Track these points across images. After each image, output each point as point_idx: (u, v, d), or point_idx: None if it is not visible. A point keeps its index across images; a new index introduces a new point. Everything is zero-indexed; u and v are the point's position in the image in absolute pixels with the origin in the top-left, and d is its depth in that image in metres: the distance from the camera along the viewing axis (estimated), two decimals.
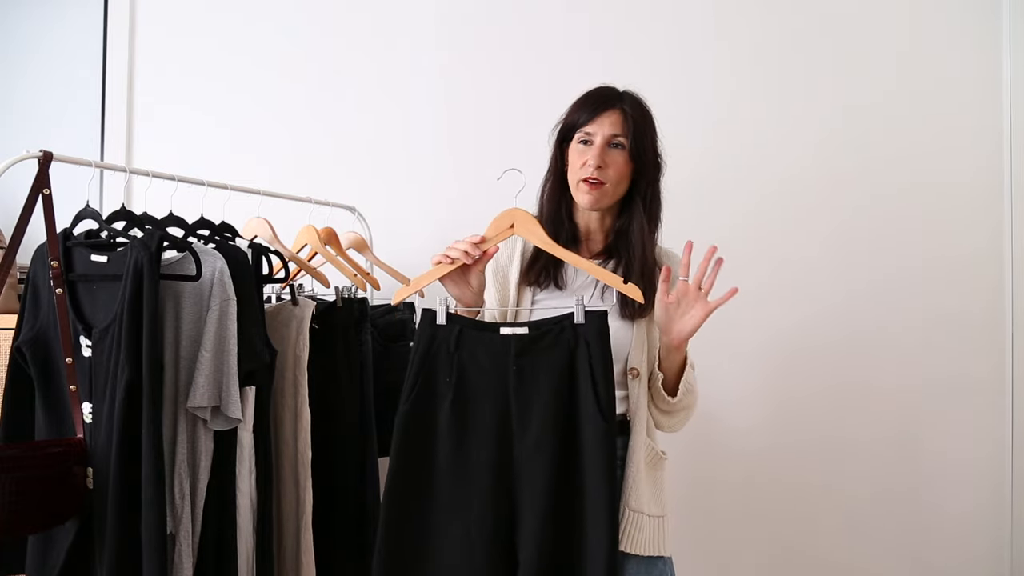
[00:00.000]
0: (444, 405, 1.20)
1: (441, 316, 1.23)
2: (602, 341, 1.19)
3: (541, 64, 2.17)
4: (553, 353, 1.20)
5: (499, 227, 1.26)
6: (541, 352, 1.20)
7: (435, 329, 1.23)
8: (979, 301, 2.24)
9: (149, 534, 1.14)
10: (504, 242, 1.47)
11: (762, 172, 2.21)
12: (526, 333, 1.21)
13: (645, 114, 1.37)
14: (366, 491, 1.60)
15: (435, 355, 1.22)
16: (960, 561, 2.22)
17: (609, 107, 1.34)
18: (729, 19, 2.24)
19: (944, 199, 2.23)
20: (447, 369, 1.21)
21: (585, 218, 1.43)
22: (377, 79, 2.24)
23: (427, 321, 1.23)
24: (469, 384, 1.21)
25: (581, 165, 1.34)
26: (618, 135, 1.33)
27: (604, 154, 1.32)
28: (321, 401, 1.52)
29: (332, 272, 1.76)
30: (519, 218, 1.27)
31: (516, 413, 1.19)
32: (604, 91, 1.38)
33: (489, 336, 1.22)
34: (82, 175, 1.29)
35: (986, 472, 2.23)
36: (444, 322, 1.22)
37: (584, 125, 1.35)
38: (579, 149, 1.36)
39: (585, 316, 1.20)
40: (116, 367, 1.18)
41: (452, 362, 1.21)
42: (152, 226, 1.33)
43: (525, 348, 1.20)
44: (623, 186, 1.36)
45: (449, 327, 1.22)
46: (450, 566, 1.18)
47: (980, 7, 2.27)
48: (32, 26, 2.28)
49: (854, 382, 2.21)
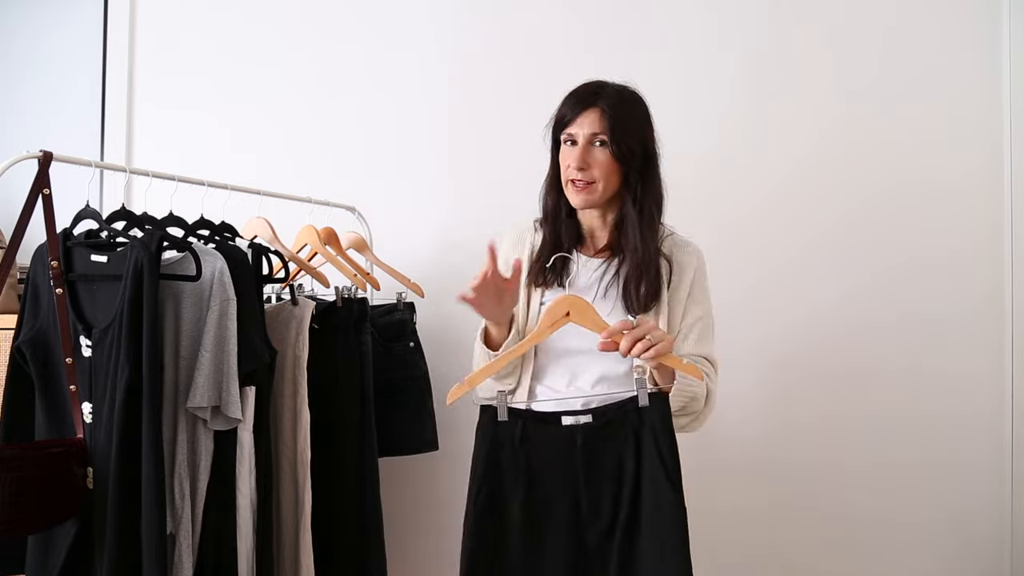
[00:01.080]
0: (514, 503, 1.20)
1: (503, 413, 1.22)
2: (666, 422, 1.19)
3: (542, 64, 2.17)
4: (618, 439, 1.20)
5: (554, 316, 1.23)
6: (607, 439, 1.20)
7: (497, 427, 1.22)
8: (979, 300, 2.23)
9: (149, 534, 1.14)
10: (512, 243, 1.47)
11: (759, 172, 2.21)
12: (590, 422, 1.21)
13: (627, 107, 1.35)
14: (366, 491, 1.60)
15: (499, 453, 1.22)
16: (960, 561, 2.22)
17: (588, 106, 1.34)
18: (727, 20, 2.24)
19: (944, 198, 2.23)
20: (514, 466, 1.21)
21: (587, 217, 1.43)
22: (377, 79, 2.24)
23: (489, 419, 1.22)
24: (538, 479, 1.21)
25: (567, 167, 1.35)
26: (598, 133, 1.32)
27: (587, 154, 1.32)
28: (321, 401, 1.52)
29: (332, 272, 1.76)
30: (576, 305, 1.23)
31: (586, 503, 1.19)
32: (585, 89, 1.38)
33: (553, 429, 1.22)
34: (82, 175, 1.29)
35: (986, 471, 2.23)
36: (506, 418, 1.22)
37: (568, 125, 1.35)
38: (565, 150, 1.36)
39: (649, 399, 1.20)
40: (116, 367, 1.18)
41: (518, 458, 1.21)
42: (152, 226, 1.33)
43: (590, 437, 1.20)
44: (613, 182, 1.35)
45: (512, 423, 1.22)
46: None
47: (980, 7, 2.27)
48: (32, 26, 2.28)
49: (853, 381, 2.20)
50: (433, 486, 2.11)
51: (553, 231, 1.41)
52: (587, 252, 1.42)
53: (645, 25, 2.22)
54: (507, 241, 1.48)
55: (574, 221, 1.43)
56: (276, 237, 1.65)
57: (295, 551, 1.46)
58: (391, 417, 1.79)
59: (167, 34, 2.24)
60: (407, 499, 2.11)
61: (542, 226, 1.45)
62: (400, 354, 1.86)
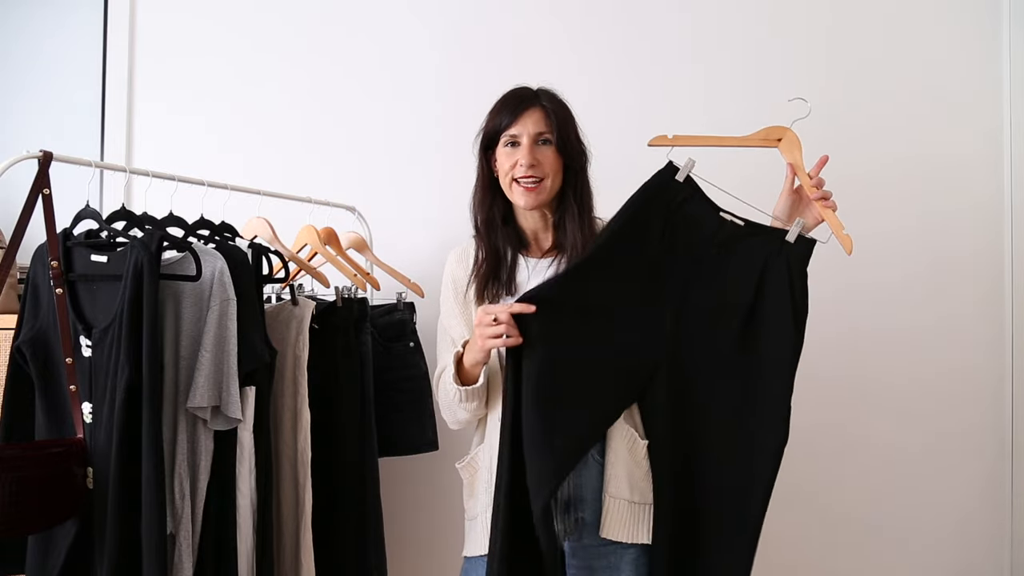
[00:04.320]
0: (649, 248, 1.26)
1: (683, 174, 1.27)
2: (803, 264, 1.23)
3: (542, 65, 2.17)
4: (757, 253, 1.25)
5: (770, 136, 1.30)
6: (748, 247, 1.25)
7: (672, 183, 1.27)
8: (979, 299, 2.24)
9: (149, 534, 1.14)
10: (456, 260, 1.47)
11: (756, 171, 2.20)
12: (742, 225, 1.27)
13: (564, 107, 1.40)
14: (366, 491, 1.60)
15: (659, 202, 1.27)
16: (960, 561, 2.22)
17: (529, 106, 1.36)
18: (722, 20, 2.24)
19: (944, 197, 2.23)
20: (663, 219, 1.26)
21: (530, 221, 1.42)
22: (377, 79, 2.24)
23: (668, 173, 1.28)
24: (679, 241, 1.26)
25: (512, 166, 1.35)
26: (543, 132, 1.35)
27: (534, 152, 1.34)
28: (321, 401, 1.52)
29: (332, 272, 1.76)
30: (790, 138, 1.31)
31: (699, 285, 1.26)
32: (520, 92, 1.40)
33: (710, 213, 1.28)
34: (82, 175, 1.29)
35: (986, 472, 2.23)
36: (682, 180, 1.27)
37: (508, 128, 1.36)
38: (506, 152, 1.37)
39: (797, 239, 1.23)
40: (116, 367, 1.18)
41: (672, 216, 1.26)
42: (152, 226, 1.33)
43: (734, 236, 1.26)
44: (558, 180, 1.37)
45: (684, 187, 1.27)
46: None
47: (980, 7, 2.27)
48: (33, 27, 2.28)
49: (851, 381, 2.20)
50: (433, 486, 2.11)
51: (490, 241, 1.41)
52: (534, 255, 1.42)
53: (629, 27, 2.22)
54: (452, 259, 1.48)
55: (512, 228, 1.42)
56: (276, 237, 1.65)
57: (295, 551, 1.46)
58: (391, 417, 1.79)
59: (167, 35, 2.24)
60: (407, 499, 2.11)
61: (478, 239, 1.44)
62: (400, 354, 1.86)
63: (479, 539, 1.35)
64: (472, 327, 1.36)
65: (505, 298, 1.37)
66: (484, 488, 1.36)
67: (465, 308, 1.41)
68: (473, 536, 1.38)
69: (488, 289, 1.38)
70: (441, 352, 1.45)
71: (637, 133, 1.43)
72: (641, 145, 1.43)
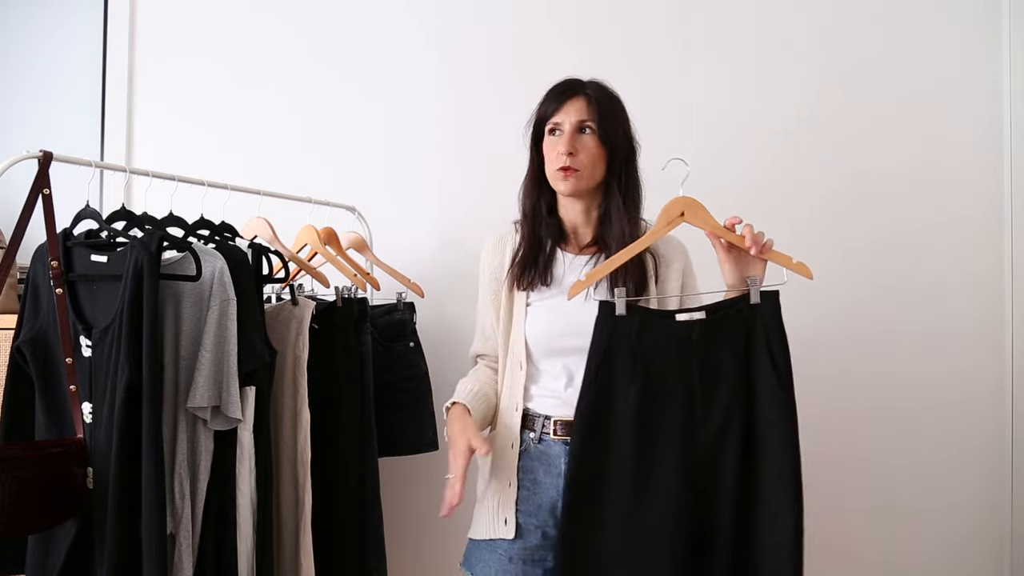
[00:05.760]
0: (627, 399, 1.20)
1: (621, 307, 1.22)
2: (778, 319, 1.20)
3: (542, 65, 2.17)
4: (732, 334, 1.20)
5: (670, 215, 1.25)
6: (721, 334, 1.21)
7: (615, 321, 1.22)
8: (979, 299, 2.24)
9: (149, 534, 1.14)
10: (492, 247, 1.47)
11: (754, 169, 2.21)
12: (704, 318, 1.21)
13: (611, 97, 1.38)
14: (366, 491, 1.60)
15: (617, 348, 1.21)
16: (960, 561, 2.22)
17: (573, 95, 1.36)
18: (718, 18, 2.24)
19: (943, 197, 2.23)
20: (630, 361, 1.21)
21: (571, 214, 1.42)
22: (377, 79, 2.24)
23: (606, 314, 1.22)
24: (653, 374, 1.21)
25: (554, 155, 1.35)
26: (585, 120, 1.34)
27: (574, 140, 1.34)
28: (321, 401, 1.52)
29: (332, 272, 1.76)
30: (689, 205, 1.25)
31: (700, 396, 1.20)
32: (567, 82, 1.40)
33: (669, 324, 1.22)
34: (82, 175, 1.29)
35: (986, 471, 2.23)
36: (624, 313, 1.22)
37: (552, 116, 1.36)
38: (551, 140, 1.37)
39: (761, 296, 1.21)
40: (116, 367, 1.18)
41: (635, 353, 1.21)
42: (152, 226, 1.33)
43: (705, 332, 1.20)
44: (599, 170, 1.36)
45: (630, 318, 1.22)
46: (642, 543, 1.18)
47: (980, 6, 2.27)
48: (33, 27, 2.28)
49: (851, 381, 2.20)
50: (433, 486, 2.11)
51: (533, 230, 1.41)
52: (571, 250, 1.42)
53: (628, 27, 2.23)
54: (487, 247, 1.48)
55: (555, 219, 1.42)
56: (276, 237, 1.65)
57: (295, 551, 1.46)
58: (391, 417, 1.79)
59: (167, 35, 2.24)
60: (407, 499, 2.11)
61: (522, 227, 1.45)
62: (400, 354, 1.86)
63: (482, 522, 1.36)
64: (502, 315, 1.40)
65: (540, 288, 1.38)
66: (493, 472, 1.37)
67: (496, 296, 1.43)
68: (480, 517, 1.39)
69: (525, 276, 1.39)
70: (476, 335, 1.50)
71: (637, 133, 1.43)
72: (641, 145, 1.43)
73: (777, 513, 1.17)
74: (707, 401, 1.19)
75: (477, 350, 1.50)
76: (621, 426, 1.20)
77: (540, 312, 1.38)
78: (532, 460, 1.34)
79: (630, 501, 1.19)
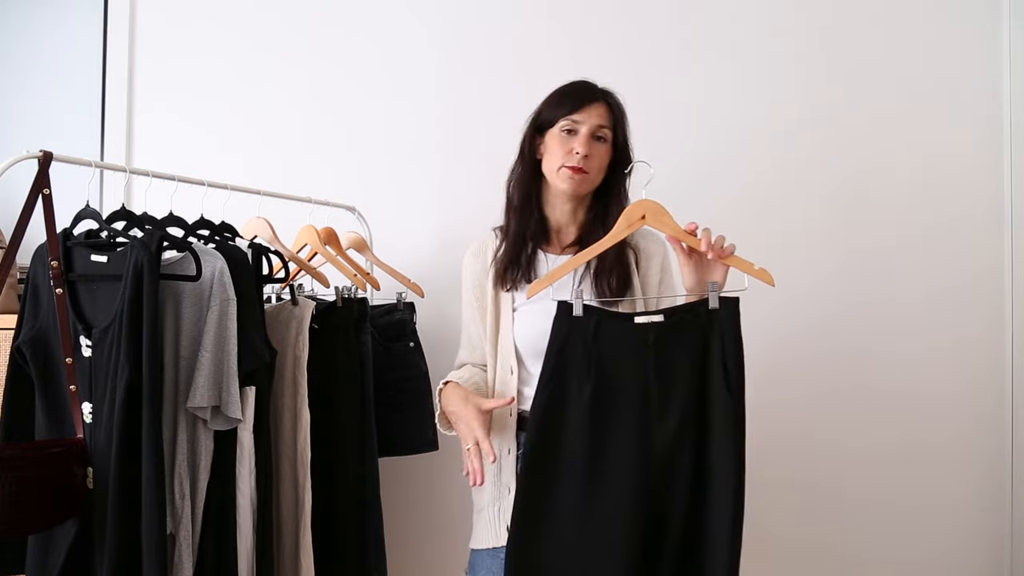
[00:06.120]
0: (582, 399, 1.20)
1: (578, 308, 1.22)
2: (735, 326, 1.20)
3: (543, 65, 2.17)
4: (688, 339, 1.21)
5: (631, 218, 1.26)
6: (677, 338, 1.21)
7: (572, 321, 1.22)
8: (979, 299, 2.24)
9: (149, 534, 1.14)
10: (473, 254, 1.47)
11: (753, 168, 2.21)
12: (661, 321, 1.22)
13: (623, 110, 1.41)
14: (366, 491, 1.60)
15: (572, 348, 1.22)
16: (960, 560, 2.22)
17: (595, 99, 1.38)
18: (718, 19, 2.24)
19: (943, 198, 2.23)
20: (585, 361, 1.21)
21: (557, 213, 1.43)
22: (377, 79, 2.24)
23: (563, 314, 1.23)
24: (608, 375, 1.21)
25: (566, 152, 1.35)
26: (604, 126, 1.36)
27: (590, 144, 1.35)
28: (321, 401, 1.52)
29: (332, 272, 1.76)
30: (650, 209, 1.26)
31: (656, 397, 1.20)
32: (587, 85, 1.41)
33: (626, 326, 1.22)
34: (82, 175, 1.29)
35: (986, 472, 2.23)
36: (581, 314, 1.22)
37: (570, 114, 1.36)
38: (562, 137, 1.37)
39: (720, 301, 1.21)
40: (116, 367, 1.18)
41: (590, 354, 1.21)
42: (152, 226, 1.33)
43: (661, 335, 1.21)
44: (601, 176, 1.39)
45: (586, 319, 1.22)
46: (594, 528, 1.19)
47: (980, 6, 2.27)
48: (33, 27, 2.28)
49: (851, 381, 2.20)
50: (433, 486, 2.12)
51: (520, 222, 1.41)
52: (553, 250, 1.43)
53: (628, 27, 2.23)
54: (469, 254, 1.49)
55: (540, 215, 1.43)
56: (276, 237, 1.65)
57: (295, 551, 1.46)
58: (391, 417, 1.79)
59: (167, 35, 2.24)
60: (407, 499, 2.11)
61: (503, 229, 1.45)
62: (400, 354, 1.86)
63: (483, 532, 1.36)
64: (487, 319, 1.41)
65: (524, 285, 1.38)
66: (491, 480, 1.37)
67: (482, 303, 1.43)
68: (480, 528, 1.39)
69: (508, 274, 1.39)
70: (460, 349, 1.50)
71: (637, 133, 1.43)
72: (641, 145, 1.43)
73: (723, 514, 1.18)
74: (662, 402, 1.20)
75: (463, 359, 1.50)
76: (575, 420, 1.20)
77: (527, 315, 1.38)
78: None
79: (583, 494, 1.19)
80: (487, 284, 1.43)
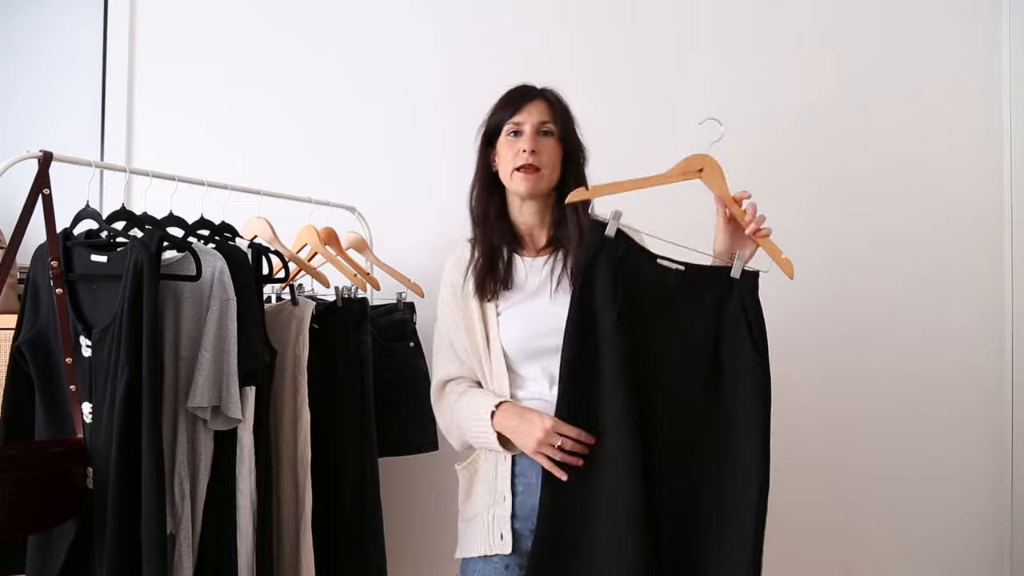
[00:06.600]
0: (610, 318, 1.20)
1: (612, 228, 1.22)
2: (755, 295, 1.21)
3: (543, 64, 2.17)
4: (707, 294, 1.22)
5: (690, 166, 1.24)
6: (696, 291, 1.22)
7: (604, 239, 1.22)
8: (979, 298, 2.24)
9: (149, 534, 1.14)
10: (453, 265, 1.46)
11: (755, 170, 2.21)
12: (683, 270, 1.23)
13: (564, 103, 1.42)
14: (366, 491, 1.60)
15: (603, 263, 1.22)
16: (960, 561, 2.22)
17: (533, 98, 1.39)
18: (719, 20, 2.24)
19: (943, 197, 2.23)
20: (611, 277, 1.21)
21: (525, 216, 1.43)
22: (377, 79, 2.24)
23: (597, 230, 1.23)
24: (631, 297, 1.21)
25: (515, 154, 1.36)
26: (546, 121, 1.37)
27: (536, 140, 1.35)
28: (321, 401, 1.52)
29: (332, 272, 1.76)
30: (710, 163, 1.25)
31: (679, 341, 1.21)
32: (524, 87, 1.43)
33: (649, 263, 1.23)
34: (82, 175, 1.29)
35: (986, 472, 2.23)
36: (613, 235, 1.22)
37: (512, 116, 1.38)
38: (509, 141, 1.38)
39: (741, 273, 1.21)
40: (116, 367, 1.18)
41: (616, 274, 1.21)
42: (152, 226, 1.33)
43: (681, 283, 1.22)
44: (556, 172, 1.39)
45: (616, 241, 1.22)
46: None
47: (980, 7, 2.27)
48: (34, 28, 2.28)
49: (852, 380, 2.20)
50: (433, 486, 2.11)
51: (486, 235, 1.41)
52: (529, 254, 1.42)
53: (630, 27, 2.22)
54: (448, 266, 1.48)
55: (507, 225, 1.43)
56: (276, 237, 1.65)
57: (295, 551, 1.46)
58: (391, 417, 1.79)
59: (167, 35, 2.24)
60: (407, 499, 2.11)
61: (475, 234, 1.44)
62: (400, 354, 1.86)
63: (474, 540, 1.35)
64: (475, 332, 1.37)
65: (505, 295, 1.38)
66: (485, 488, 1.36)
67: (466, 313, 1.40)
68: (471, 536, 1.37)
69: (486, 284, 1.38)
70: (440, 360, 1.43)
71: (637, 133, 1.43)
72: (641, 144, 1.43)
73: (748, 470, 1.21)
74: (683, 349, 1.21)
75: (450, 374, 1.41)
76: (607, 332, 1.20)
77: (512, 319, 1.37)
78: (526, 465, 1.32)
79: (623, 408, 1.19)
80: (470, 299, 1.39)
